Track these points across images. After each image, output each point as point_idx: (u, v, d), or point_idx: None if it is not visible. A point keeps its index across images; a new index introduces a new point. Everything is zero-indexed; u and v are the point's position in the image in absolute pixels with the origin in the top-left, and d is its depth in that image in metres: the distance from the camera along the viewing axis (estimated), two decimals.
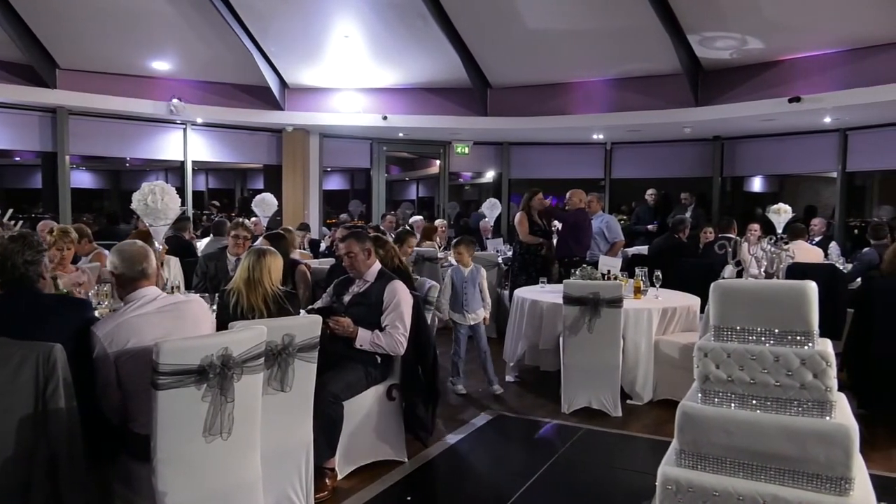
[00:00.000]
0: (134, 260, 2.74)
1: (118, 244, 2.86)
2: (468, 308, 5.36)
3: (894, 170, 10.95)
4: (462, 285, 5.36)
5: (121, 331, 2.57)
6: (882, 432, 4.48)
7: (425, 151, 13.05)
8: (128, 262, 2.73)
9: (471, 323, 5.37)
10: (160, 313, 2.68)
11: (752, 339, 1.93)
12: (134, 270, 2.73)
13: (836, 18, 7.56)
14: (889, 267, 4.81)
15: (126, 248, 2.79)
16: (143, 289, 2.73)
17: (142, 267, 2.74)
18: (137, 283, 2.73)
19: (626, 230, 9.83)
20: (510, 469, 3.92)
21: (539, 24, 8.89)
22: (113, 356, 2.54)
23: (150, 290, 2.75)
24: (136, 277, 2.73)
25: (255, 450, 2.69)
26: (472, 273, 5.42)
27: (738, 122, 9.62)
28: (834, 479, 1.74)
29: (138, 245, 2.83)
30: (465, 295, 5.35)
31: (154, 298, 2.72)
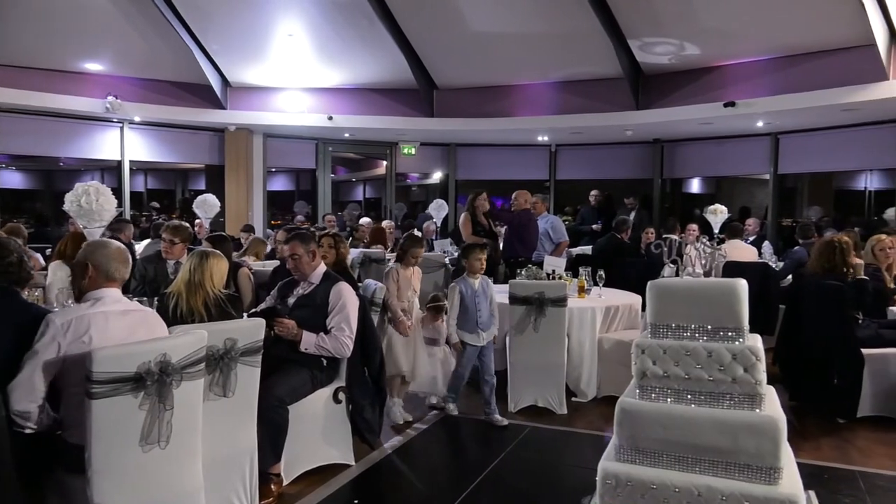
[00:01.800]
0: (117, 259, 2.69)
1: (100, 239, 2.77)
2: (482, 325, 4.64)
3: (822, 172, 11.52)
4: (474, 300, 4.63)
5: (81, 324, 2.46)
6: (812, 423, 4.67)
7: (372, 152, 12.98)
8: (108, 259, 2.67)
9: (483, 343, 4.66)
10: (124, 315, 2.61)
11: (687, 335, 2.00)
12: (111, 269, 2.66)
13: (768, 27, 7.88)
14: (813, 265, 5.02)
15: (113, 245, 2.74)
16: (109, 289, 2.66)
17: (119, 268, 2.69)
18: (106, 283, 2.65)
19: (571, 231, 10.00)
20: (457, 469, 3.94)
21: (484, 27, 8.97)
22: (64, 348, 2.42)
23: (116, 293, 2.68)
24: (110, 277, 2.66)
25: (195, 458, 2.62)
26: (482, 285, 4.74)
27: (676, 126, 9.91)
28: (764, 469, 1.82)
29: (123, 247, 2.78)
30: (478, 311, 4.62)
31: (119, 300, 2.67)
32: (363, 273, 7.38)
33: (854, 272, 4.82)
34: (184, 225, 5.13)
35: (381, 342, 4.20)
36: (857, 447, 4.25)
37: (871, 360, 4.63)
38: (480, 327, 4.62)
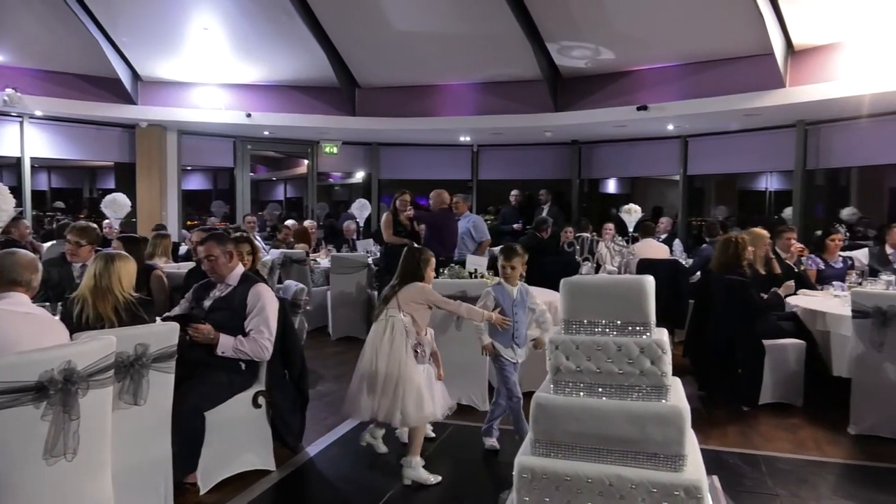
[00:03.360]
0: (23, 265, 2.65)
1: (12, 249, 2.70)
2: (518, 340, 4.06)
3: (727, 174, 12.17)
4: (512, 310, 4.04)
5: None
6: (719, 411, 4.93)
7: (292, 151, 12.75)
8: (13, 265, 2.62)
9: (521, 359, 4.11)
10: (26, 317, 2.52)
11: (598, 330, 2.08)
12: (14, 273, 2.61)
13: (677, 35, 8.25)
14: (716, 263, 5.29)
15: (21, 254, 2.72)
16: (15, 293, 2.59)
17: (24, 273, 2.63)
18: (11, 287, 2.53)
19: (493, 230, 10.14)
20: (382, 469, 3.92)
21: (406, 27, 8.97)
22: None
23: (23, 297, 2.62)
24: (16, 282, 2.60)
25: (104, 470, 2.50)
26: (521, 293, 4.12)
27: (593, 128, 10.23)
28: (670, 457, 1.92)
29: (33, 256, 2.75)
30: (515, 323, 4.02)
31: (23, 303, 2.60)
32: (284, 274, 7.24)
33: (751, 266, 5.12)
34: (91, 226, 4.87)
35: (302, 344, 4.14)
36: (760, 432, 4.51)
37: (771, 351, 4.93)
38: (516, 342, 4.04)
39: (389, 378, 3.62)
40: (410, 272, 3.85)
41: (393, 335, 3.68)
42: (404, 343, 3.69)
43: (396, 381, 3.62)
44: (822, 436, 4.43)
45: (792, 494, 3.54)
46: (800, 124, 9.07)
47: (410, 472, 3.62)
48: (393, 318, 3.72)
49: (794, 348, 5.01)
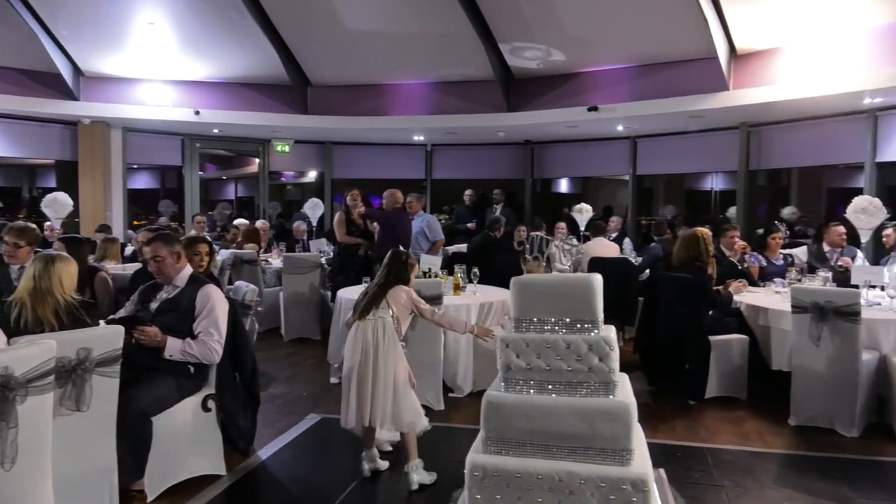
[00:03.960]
0: None
1: None
2: None
3: (675, 174, 12.48)
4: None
5: None
6: (667, 405, 5.05)
7: (243, 149, 12.52)
8: None
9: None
10: None
11: (548, 328, 2.11)
12: None
13: (626, 38, 8.42)
14: (679, 256, 5.40)
15: None
16: None
17: None
18: None
19: (447, 229, 10.18)
20: (335, 471, 3.89)
21: (358, 25, 8.91)
22: None
23: None
24: None
25: (45, 479, 2.41)
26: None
27: (545, 128, 10.35)
28: (617, 451, 1.96)
29: None
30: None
31: None
32: (234, 275, 7.12)
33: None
34: (30, 226, 4.68)
35: (253, 345, 4.07)
36: (706, 426, 4.64)
37: (717, 346, 5.08)
38: None
39: (388, 380, 3.52)
40: (396, 274, 3.77)
41: (386, 335, 3.57)
42: (398, 343, 3.63)
43: (395, 383, 3.54)
44: (765, 427, 4.59)
45: (736, 485, 3.65)
46: (743, 126, 9.36)
47: (416, 477, 3.56)
48: (383, 319, 3.61)
49: (738, 343, 5.18)
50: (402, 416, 3.55)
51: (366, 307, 3.66)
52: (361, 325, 3.62)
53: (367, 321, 3.61)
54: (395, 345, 3.60)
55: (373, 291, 3.72)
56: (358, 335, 3.60)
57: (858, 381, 4.35)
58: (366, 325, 3.60)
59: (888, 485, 3.76)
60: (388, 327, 3.59)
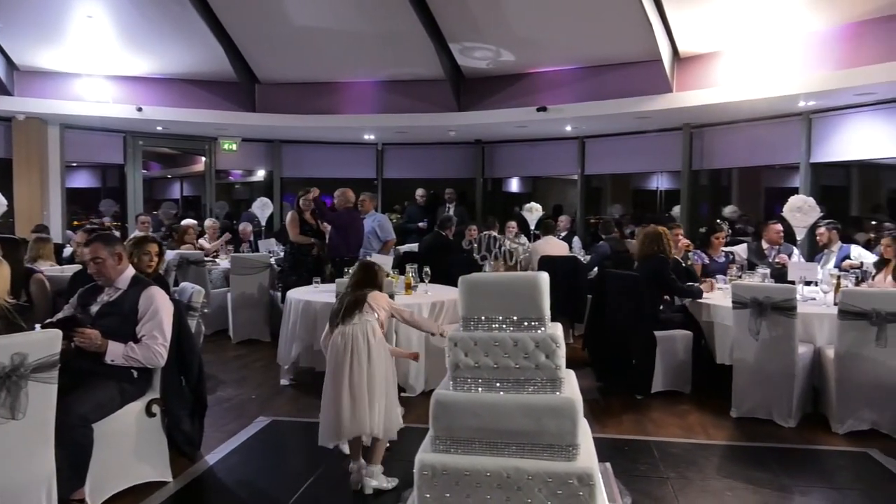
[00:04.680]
0: None
1: None
2: None
3: (622, 174, 12.74)
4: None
5: None
6: (615, 401, 5.16)
7: (189, 147, 12.21)
8: None
9: None
10: None
11: (496, 327, 2.14)
12: None
13: (573, 39, 8.55)
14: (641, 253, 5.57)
15: None
16: None
17: None
18: None
19: (399, 228, 10.16)
20: (285, 474, 3.84)
21: (307, 22, 8.81)
22: None
23: None
24: None
25: None
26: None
27: (495, 128, 10.43)
28: (564, 447, 2.00)
29: None
30: None
31: None
32: (180, 276, 6.95)
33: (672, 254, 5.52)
34: None
35: (199, 348, 3.98)
36: (652, 419, 4.77)
37: (662, 341, 5.22)
38: None
39: (380, 385, 3.41)
40: (369, 280, 3.70)
41: (376, 338, 3.47)
42: (386, 346, 3.55)
43: (387, 387, 3.46)
44: (708, 420, 4.73)
45: (681, 476, 3.76)
46: (686, 127, 9.62)
47: (374, 483, 3.47)
48: (370, 322, 3.50)
49: (683, 339, 5.33)
50: (392, 422, 3.49)
51: (348, 311, 3.53)
52: (348, 329, 3.47)
53: (354, 325, 3.48)
54: (385, 347, 3.55)
55: (354, 296, 3.60)
56: (346, 339, 3.45)
57: (795, 373, 4.53)
58: (354, 329, 3.47)
59: (822, 472, 3.93)
60: (377, 330, 3.51)
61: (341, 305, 3.60)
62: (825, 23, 7.15)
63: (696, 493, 3.55)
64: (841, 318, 4.40)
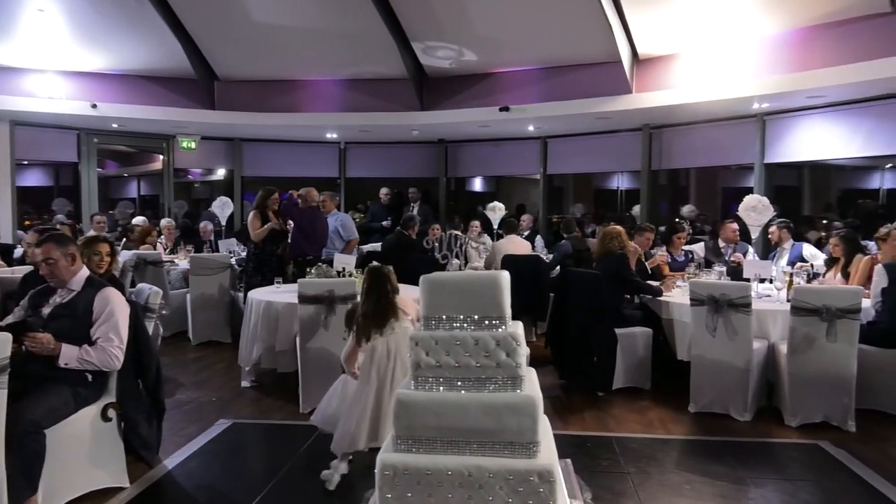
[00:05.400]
0: None
1: None
2: None
3: (584, 173, 12.91)
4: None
5: None
6: (577, 398, 5.23)
7: (146, 145, 11.94)
8: None
9: None
10: None
11: (457, 326, 2.15)
12: None
13: (535, 40, 8.62)
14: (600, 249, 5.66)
15: None
16: None
17: None
18: None
19: (362, 228, 10.11)
20: (246, 477, 3.80)
21: (267, 18, 8.70)
22: None
23: None
24: None
25: None
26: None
27: (458, 127, 10.46)
28: (524, 445, 2.02)
29: None
30: None
31: None
32: (137, 277, 6.80)
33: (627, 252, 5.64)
34: None
35: (157, 350, 3.90)
36: (613, 416, 4.84)
37: (623, 338, 5.30)
38: None
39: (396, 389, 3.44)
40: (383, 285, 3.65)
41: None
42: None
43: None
44: (667, 415, 4.83)
45: (641, 471, 3.83)
46: (645, 128, 9.79)
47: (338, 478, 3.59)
48: (408, 328, 3.50)
49: (643, 336, 5.42)
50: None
51: (380, 321, 3.54)
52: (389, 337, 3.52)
53: (395, 332, 3.52)
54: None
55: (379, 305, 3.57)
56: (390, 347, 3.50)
57: (750, 369, 4.65)
58: (395, 336, 3.51)
59: (776, 464, 4.05)
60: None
61: (369, 318, 3.57)
62: (778, 26, 7.35)
63: (656, 487, 3.62)
64: (793, 314, 4.53)
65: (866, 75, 6.60)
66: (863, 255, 5.61)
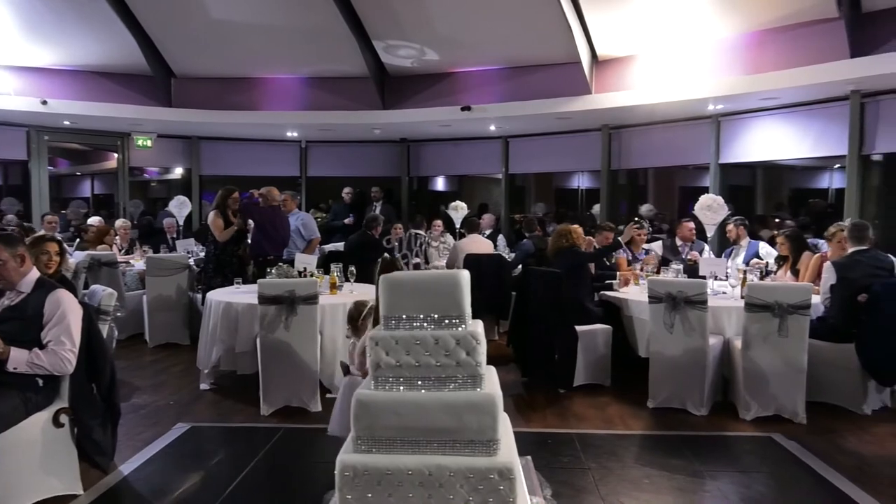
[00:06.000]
0: None
1: None
2: None
3: (544, 173, 13.02)
4: None
5: None
6: (539, 395, 5.27)
7: (100, 143, 11.63)
8: None
9: None
10: None
11: (417, 325, 2.15)
12: None
13: (497, 40, 8.67)
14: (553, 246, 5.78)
15: None
16: None
17: None
18: None
19: (324, 227, 10.03)
20: (206, 481, 3.73)
21: (224, 14, 8.56)
22: None
23: None
24: None
25: None
26: None
27: (420, 127, 10.45)
28: (484, 443, 2.03)
29: None
30: None
31: None
32: (91, 278, 6.62)
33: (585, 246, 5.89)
34: None
35: (112, 353, 3.80)
36: (574, 413, 4.90)
37: (583, 336, 5.37)
38: None
39: None
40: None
41: None
42: None
43: None
44: (627, 411, 4.91)
45: (601, 466, 3.88)
46: (604, 128, 9.93)
47: None
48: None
49: (603, 333, 5.50)
50: None
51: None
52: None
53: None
54: None
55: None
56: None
57: (706, 364, 4.76)
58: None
59: (731, 457, 4.15)
60: None
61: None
62: (732, 30, 7.54)
63: (616, 482, 3.68)
64: (747, 310, 4.65)
65: (816, 78, 6.83)
66: (810, 252, 5.79)
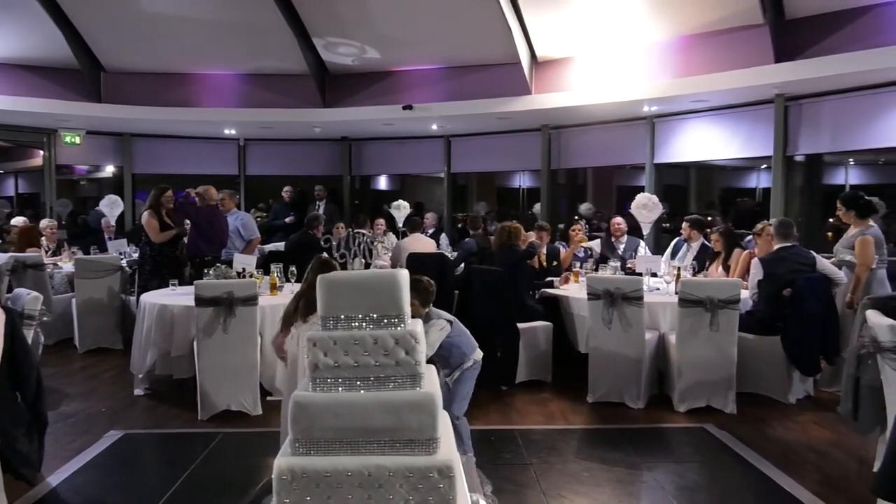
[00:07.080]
0: None
1: None
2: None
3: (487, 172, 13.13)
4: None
5: None
6: (482, 394, 5.23)
7: (23, 139, 11.08)
8: None
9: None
10: None
11: (355, 325, 2.14)
12: None
13: (438, 40, 8.70)
14: (497, 244, 5.89)
15: None
16: None
17: None
18: None
19: (264, 227, 9.84)
20: (140, 490, 3.61)
21: (157, 8, 8.30)
22: None
23: None
24: None
25: None
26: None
27: (362, 125, 10.38)
28: (424, 441, 2.04)
29: None
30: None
31: None
32: (15, 281, 6.32)
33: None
34: None
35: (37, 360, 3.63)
36: (517, 409, 4.97)
37: (525, 333, 5.45)
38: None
39: None
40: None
41: None
42: None
43: None
44: (567, 406, 5.01)
45: (543, 461, 3.95)
46: (544, 128, 10.08)
47: None
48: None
49: (544, 330, 5.59)
50: None
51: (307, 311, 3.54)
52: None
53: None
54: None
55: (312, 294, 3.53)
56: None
57: (643, 358, 4.91)
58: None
59: (667, 448, 4.29)
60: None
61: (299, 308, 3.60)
62: (664, 34, 7.76)
63: (557, 476, 3.75)
64: (680, 305, 4.81)
65: (742, 82, 7.11)
66: (741, 249, 6.03)
